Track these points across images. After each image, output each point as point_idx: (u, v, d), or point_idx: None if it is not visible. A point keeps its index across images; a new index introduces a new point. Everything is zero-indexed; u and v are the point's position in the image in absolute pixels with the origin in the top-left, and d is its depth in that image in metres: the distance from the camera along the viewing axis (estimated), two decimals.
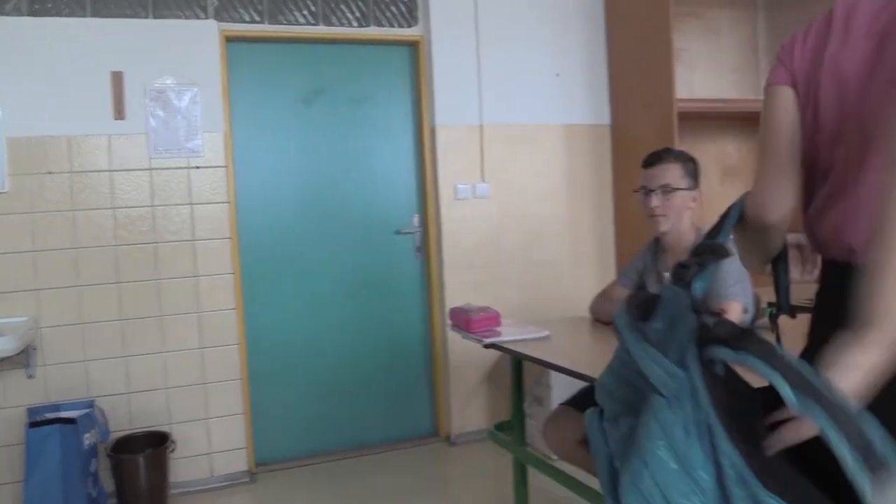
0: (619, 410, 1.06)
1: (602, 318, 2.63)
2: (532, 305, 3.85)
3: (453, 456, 3.72)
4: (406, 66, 3.83)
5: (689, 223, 2.47)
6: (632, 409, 1.02)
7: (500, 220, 3.87)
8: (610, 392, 1.11)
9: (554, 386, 3.43)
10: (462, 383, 3.86)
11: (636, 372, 1.01)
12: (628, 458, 0.95)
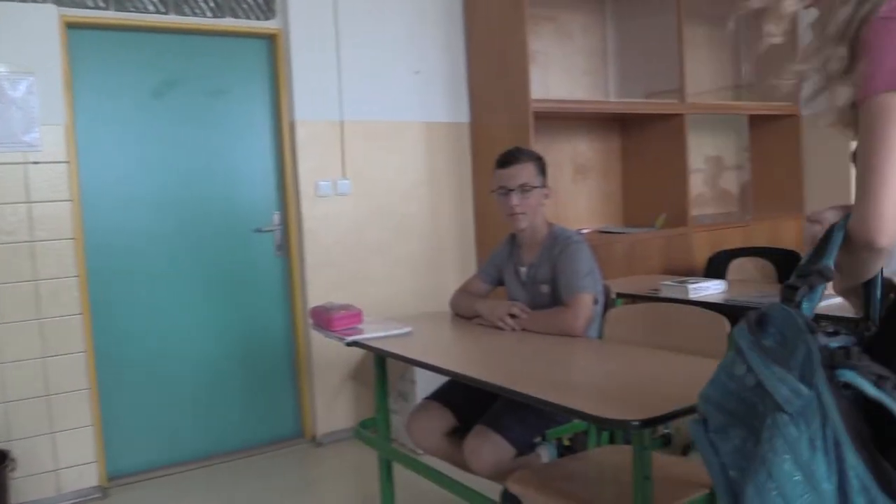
0: (727, 422, 1.11)
1: (463, 312, 2.68)
2: (395, 302, 3.87)
3: (320, 456, 3.68)
4: (264, 59, 3.74)
5: (542, 219, 2.57)
6: (741, 421, 1.09)
7: (361, 217, 3.86)
8: (717, 404, 1.15)
9: (418, 381, 3.47)
10: (327, 383, 3.82)
11: (749, 388, 1.07)
12: (753, 470, 1.00)
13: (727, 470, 1.08)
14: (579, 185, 4.69)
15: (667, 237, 4.37)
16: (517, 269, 2.62)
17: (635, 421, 1.47)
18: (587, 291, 2.36)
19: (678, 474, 1.96)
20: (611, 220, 4.82)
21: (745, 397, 1.09)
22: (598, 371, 2.08)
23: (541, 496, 1.93)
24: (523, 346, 2.24)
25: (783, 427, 0.99)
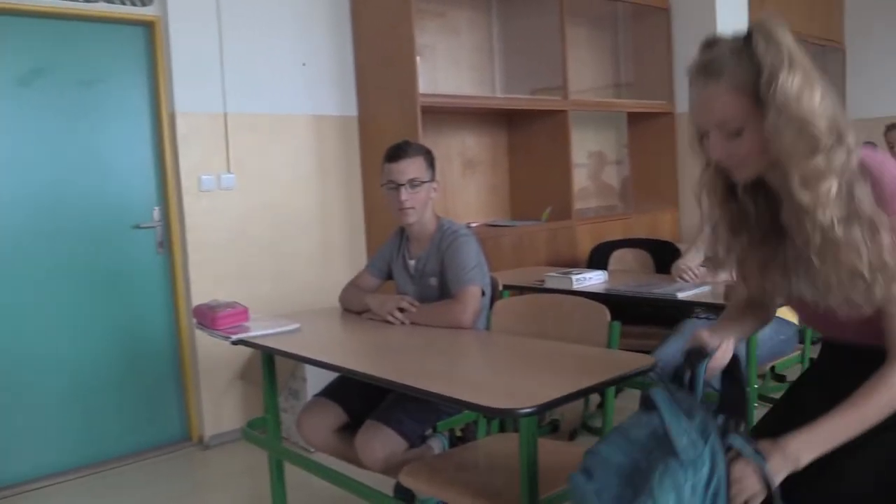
0: (611, 475, 1.31)
1: (352, 307, 2.66)
2: (283, 298, 3.79)
3: (207, 459, 3.57)
4: (141, 48, 3.57)
5: (431, 213, 2.58)
6: (625, 475, 1.29)
7: (247, 212, 3.76)
8: (604, 460, 1.34)
9: (309, 378, 3.42)
10: (214, 383, 3.70)
11: (641, 446, 1.31)
12: (640, 501, 1.21)
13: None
14: (468, 179, 4.75)
15: (552, 230, 4.50)
16: (406, 263, 2.63)
17: (522, 409, 1.50)
18: (475, 284, 2.39)
19: (565, 459, 2.02)
20: (498, 213, 4.92)
21: (634, 456, 1.31)
22: (485, 362, 2.12)
23: (432, 487, 1.95)
24: (412, 340, 2.25)
25: (674, 471, 1.21)
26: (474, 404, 1.59)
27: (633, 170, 5.69)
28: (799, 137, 1.21)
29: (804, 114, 1.21)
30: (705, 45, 1.33)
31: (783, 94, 1.21)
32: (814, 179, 1.22)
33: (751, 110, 1.25)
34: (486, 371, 2.01)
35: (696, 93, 1.31)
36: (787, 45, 1.24)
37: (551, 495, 1.79)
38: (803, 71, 1.23)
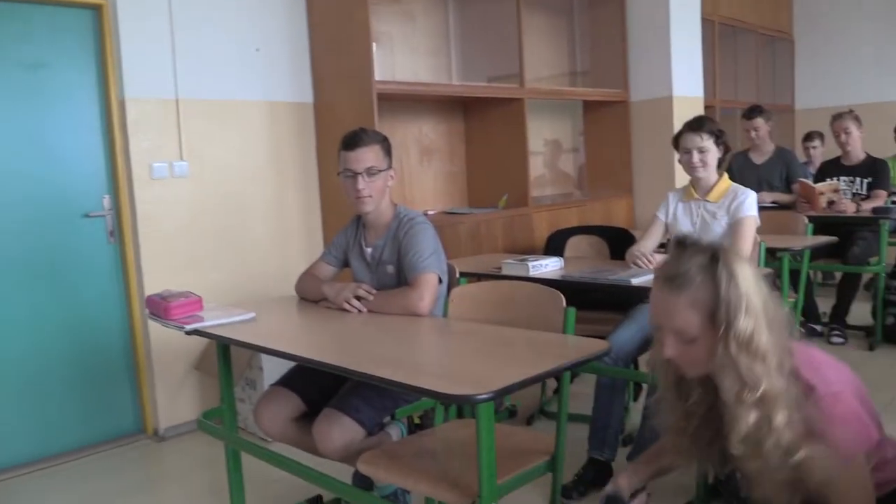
0: None
1: (308, 296, 2.65)
2: (238, 287, 3.75)
3: (163, 451, 3.52)
4: (89, 31, 3.47)
5: (388, 200, 2.57)
6: None
7: (201, 201, 3.70)
8: None
9: (265, 368, 3.39)
10: (168, 374, 3.65)
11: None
12: None
13: None
14: (424, 166, 4.75)
15: (509, 217, 4.52)
16: (363, 251, 2.62)
17: (478, 395, 1.51)
18: (431, 271, 2.40)
19: (522, 443, 2.05)
20: (456, 201, 4.92)
21: None
22: (443, 349, 2.13)
23: (390, 474, 1.96)
24: (369, 328, 2.25)
25: None
26: (431, 391, 1.60)
27: (589, 157, 5.75)
28: (738, 374, 1.36)
29: (748, 356, 1.35)
30: (676, 254, 1.45)
31: (737, 336, 1.36)
32: (748, 408, 1.36)
33: (707, 326, 1.39)
34: (443, 358, 2.02)
35: (661, 297, 1.44)
36: (745, 288, 1.37)
37: (509, 479, 1.81)
38: (755, 315, 1.36)
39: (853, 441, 1.37)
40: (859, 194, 4.88)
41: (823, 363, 1.45)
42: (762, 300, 1.39)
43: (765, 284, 1.42)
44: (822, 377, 1.41)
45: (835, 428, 1.36)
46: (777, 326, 1.40)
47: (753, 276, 1.39)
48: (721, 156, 3.09)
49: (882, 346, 4.51)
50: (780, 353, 1.39)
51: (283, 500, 2.82)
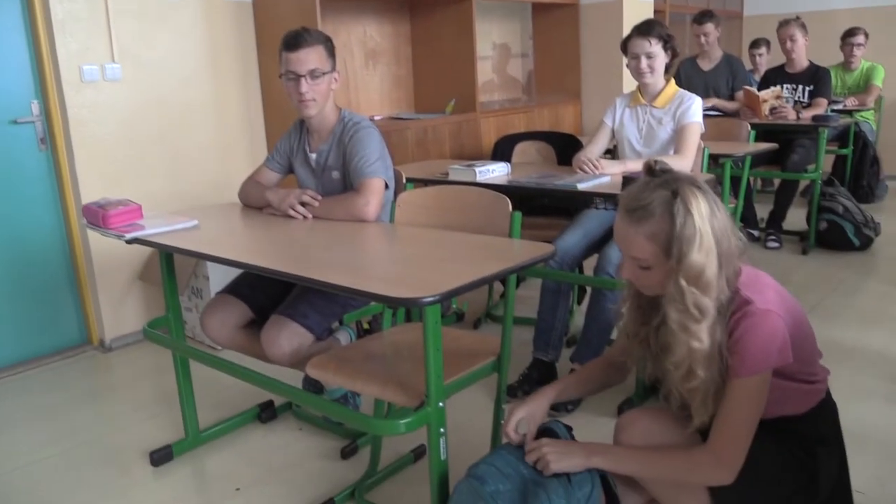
0: (507, 487, 1.55)
1: (252, 203, 2.60)
2: (179, 195, 3.66)
3: (110, 362, 3.50)
4: None
5: (332, 104, 2.51)
6: (520, 487, 1.55)
7: (137, 105, 3.55)
8: (497, 469, 1.59)
9: (211, 276, 3.36)
10: (111, 284, 3.59)
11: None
12: None
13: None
14: (370, 70, 4.62)
15: (456, 123, 4.47)
16: (307, 157, 2.56)
17: (425, 298, 1.53)
18: (378, 176, 2.37)
19: (469, 345, 2.09)
20: (402, 106, 4.84)
21: (522, 471, 1.57)
22: (390, 254, 2.13)
23: (339, 377, 1.98)
24: (315, 234, 2.23)
25: (565, 485, 1.51)
26: (378, 295, 1.60)
27: (538, 63, 5.67)
28: (685, 306, 1.44)
29: (698, 289, 1.43)
30: (643, 184, 1.49)
31: (687, 271, 1.42)
32: (691, 335, 1.45)
33: (661, 257, 1.46)
34: (390, 263, 2.02)
35: (622, 225, 1.51)
36: (700, 225, 1.41)
37: (456, 380, 1.86)
38: (706, 251, 1.42)
39: (763, 358, 1.44)
40: (801, 102, 4.95)
41: (769, 286, 1.52)
42: (717, 235, 1.43)
43: (722, 216, 1.46)
44: (762, 296, 1.47)
45: (755, 340, 1.43)
46: (727, 259, 1.46)
47: (709, 210, 1.43)
48: (669, 61, 3.08)
49: (815, 250, 4.68)
50: (723, 285, 1.45)
51: (234, 406, 2.85)
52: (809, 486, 1.56)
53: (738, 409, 1.47)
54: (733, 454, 1.47)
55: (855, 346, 3.17)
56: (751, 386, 1.46)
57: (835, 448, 1.63)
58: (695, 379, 1.47)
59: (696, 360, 1.46)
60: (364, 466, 2.37)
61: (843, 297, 3.84)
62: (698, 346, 1.44)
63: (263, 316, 2.39)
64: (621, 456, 1.59)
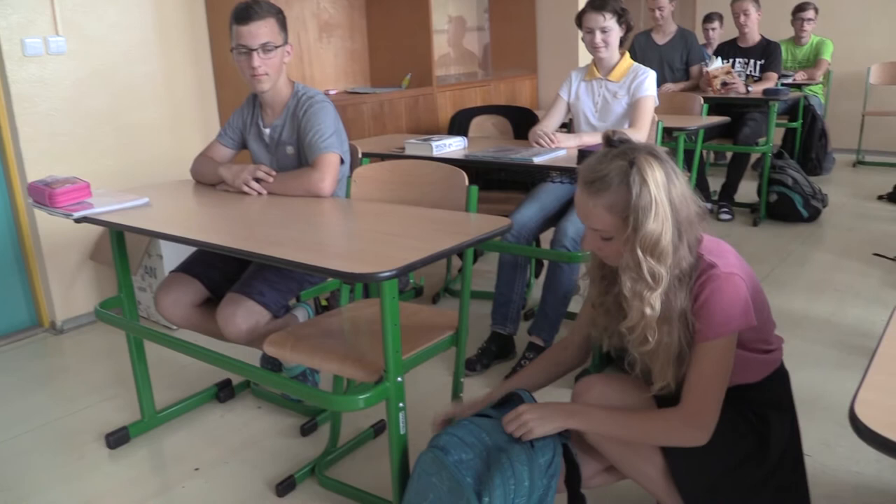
0: (470, 455, 1.57)
1: (205, 179, 2.55)
2: (129, 173, 3.58)
3: (62, 344, 3.42)
4: None
5: (285, 78, 2.47)
6: (474, 448, 1.58)
7: (82, 80, 3.44)
8: (460, 438, 1.60)
9: (165, 255, 3.30)
10: (62, 265, 3.50)
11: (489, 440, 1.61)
12: (498, 469, 1.52)
13: (467, 478, 1.53)
14: (324, 43, 4.55)
15: (413, 97, 4.44)
16: (260, 131, 2.52)
17: (382, 272, 1.52)
18: (333, 151, 2.34)
19: (427, 320, 2.10)
20: (358, 80, 4.78)
21: (484, 438, 1.59)
22: (346, 229, 2.11)
23: (297, 354, 1.97)
24: (270, 210, 2.20)
25: (527, 451, 1.54)
26: (335, 271, 1.59)
27: (494, 36, 5.65)
28: (640, 275, 1.46)
29: (653, 258, 1.44)
30: (601, 156, 1.50)
31: (643, 240, 1.44)
32: (644, 302, 1.47)
33: (621, 227, 1.47)
34: (346, 238, 2.01)
35: (581, 197, 1.51)
36: (655, 194, 1.42)
37: (414, 354, 1.86)
38: (662, 219, 1.43)
39: (729, 320, 1.47)
40: (752, 76, 5.03)
41: (730, 252, 1.55)
42: (675, 203, 1.45)
43: (681, 184, 1.47)
44: (725, 260, 1.50)
45: (719, 303, 1.46)
46: (688, 226, 1.47)
47: (665, 178, 1.44)
48: (623, 35, 3.09)
49: (765, 222, 4.79)
50: (684, 253, 1.47)
51: (191, 386, 2.82)
52: (760, 449, 1.61)
53: (707, 372, 1.50)
54: (706, 415, 1.50)
55: (804, 314, 3.26)
56: (717, 348, 1.48)
57: (786, 414, 1.67)
58: (647, 344, 1.50)
59: (648, 326, 1.49)
60: (324, 443, 2.37)
61: (793, 267, 3.95)
62: (650, 313, 1.47)
63: (219, 294, 2.36)
64: (600, 417, 1.60)
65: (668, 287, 1.47)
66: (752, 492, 1.62)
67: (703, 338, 1.48)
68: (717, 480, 1.59)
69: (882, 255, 4.00)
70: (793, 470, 1.70)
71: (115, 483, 2.29)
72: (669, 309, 1.48)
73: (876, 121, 6.46)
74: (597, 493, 1.91)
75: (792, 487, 1.70)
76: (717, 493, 1.60)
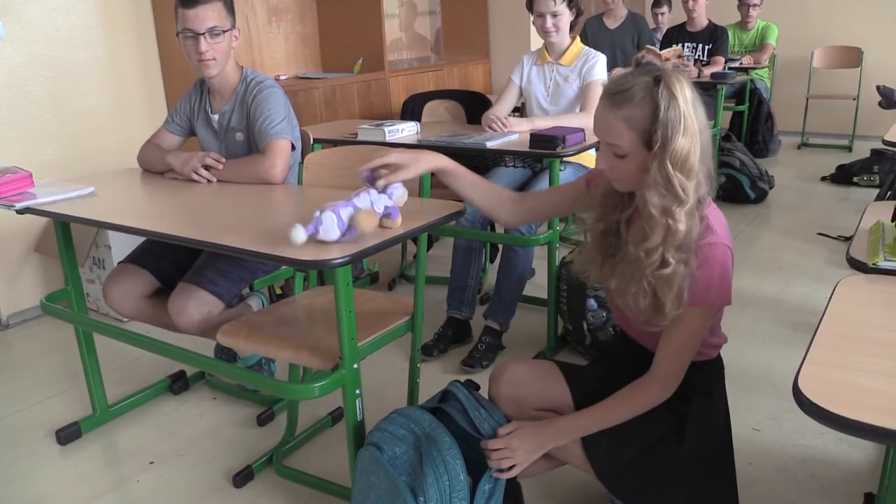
0: (403, 448, 1.59)
1: (153, 167, 2.49)
2: (73, 162, 3.48)
3: (8, 339, 3.33)
4: None
5: (233, 63, 2.42)
6: (407, 443, 1.60)
7: (22, 66, 3.33)
8: (391, 433, 1.63)
9: (113, 245, 3.23)
10: (5, 257, 3.39)
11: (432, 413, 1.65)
12: (430, 463, 1.53)
13: (401, 476, 1.54)
14: (274, 28, 4.48)
15: (365, 82, 4.40)
16: (209, 118, 2.47)
17: (333, 259, 1.51)
18: (283, 137, 2.31)
19: (382, 306, 2.09)
20: (309, 65, 4.72)
21: (415, 430, 1.61)
22: (298, 217, 2.07)
23: (251, 344, 1.95)
24: (220, 198, 2.16)
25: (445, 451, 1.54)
26: (286, 258, 1.57)
27: (445, 20, 5.63)
28: (669, 190, 1.41)
29: (682, 174, 1.41)
30: (628, 73, 1.46)
31: (673, 155, 1.39)
32: (671, 216, 1.42)
33: (639, 145, 1.43)
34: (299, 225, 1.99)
35: (601, 110, 1.47)
36: (684, 109, 1.39)
37: (370, 341, 1.86)
38: (691, 135, 1.40)
39: (714, 292, 1.48)
40: (700, 60, 5.11)
41: (724, 221, 1.55)
42: (699, 125, 1.42)
43: (702, 111, 1.45)
44: (723, 231, 1.50)
45: (713, 271, 1.46)
46: (706, 153, 1.45)
47: (693, 99, 1.42)
48: (573, 19, 3.10)
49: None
50: (703, 178, 1.45)
51: (144, 379, 2.77)
52: (678, 429, 1.63)
53: (687, 336, 1.51)
54: (673, 376, 1.54)
55: (753, 293, 3.35)
56: (699, 315, 1.50)
57: (713, 399, 1.69)
58: (667, 266, 1.44)
59: (671, 244, 1.43)
60: (281, 432, 2.35)
61: (741, 247, 4.04)
62: (678, 228, 1.42)
63: (170, 285, 2.32)
64: (584, 423, 1.61)
65: (691, 210, 1.43)
66: (673, 471, 1.64)
67: (691, 303, 1.47)
68: (634, 460, 1.62)
69: (826, 235, 4.12)
70: (720, 460, 1.71)
71: (67, 480, 2.24)
72: (689, 235, 1.44)
73: (819, 104, 6.62)
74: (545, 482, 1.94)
75: (717, 479, 1.70)
76: (635, 471, 1.63)
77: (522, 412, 1.75)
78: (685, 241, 1.44)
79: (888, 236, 1.59)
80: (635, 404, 1.58)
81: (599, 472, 1.63)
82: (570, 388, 1.74)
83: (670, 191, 1.41)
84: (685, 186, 1.41)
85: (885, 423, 0.92)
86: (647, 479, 1.63)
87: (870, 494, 1.95)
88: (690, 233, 1.44)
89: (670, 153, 1.39)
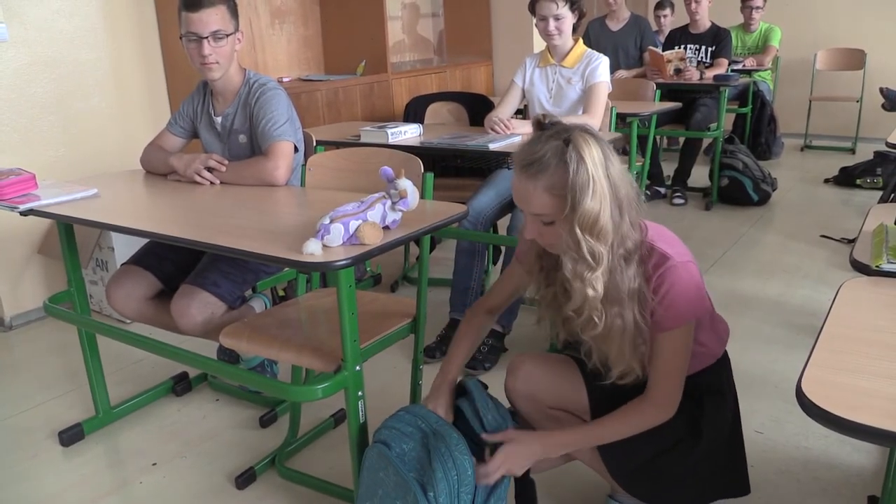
0: (410, 445, 1.59)
1: (156, 169, 2.50)
2: (77, 164, 3.49)
3: (11, 341, 3.33)
4: None
5: (236, 65, 2.42)
6: (414, 439, 1.60)
7: (26, 69, 3.34)
8: (399, 430, 1.63)
9: (116, 247, 3.24)
10: (9, 259, 3.40)
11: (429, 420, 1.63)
12: (438, 458, 1.52)
13: (410, 472, 1.54)
14: (277, 30, 4.49)
15: (368, 84, 4.41)
16: (212, 120, 2.48)
17: (336, 261, 1.51)
18: (286, 139, 2.31)
19: (385, 308, 2.09)
20: (311, 67, 4.73)
21: (421, 426, 1.61)
22: (300, 218, 2.08)
23: (254, 345, 1.95)
24: (223, 200, 2.17)
25: (453, 447, 1.54)
26: (289, 260, 1.58)
27: (448, 23, 5.63)
28: (580, 255, 1.42)
29: (592, 237, 1.41)
30: (534, 138, 1.46)
31: (581, 219, 1.39)
32: (586, 283, 1.44)
33: (562, 208, 1.41)
34: (301, 227, 1.98)
35: (519, 182, 1.46)
36: (592, 172, 1.38)
37: (372, 343, 1.86)
38: (600, 197, 1.39)
39: (690, 308, 1.49)
40: (703, 62, 5.11)
41: (673, 239, 1.55)
42: (614, 181, 1.41)
43: (617, 164, 1.44)
44: (675, 250, 1.50)
45: (680, 293, 1.47)
46: (627, 206, 1.44)
47: (601, 159, 1.40)
48: (576, 21, 3.11)
49: (717, 206, 4.88)
50: (627, 231, 1.45)
51: (146, 381, 2.77)
52: (693, 432, 1.64)
53: (672, 359, 1.52)
54: (674, 397, 1.55)
55: (755, 295, 3.34)
56: (680, 336, 1.51)
57: (724, 398, 1.70)
58: (595, 327, 1.49)
59: (592, 308, 1.47)
60: (284, 434, 2.35)
61: (744, 249, 4.03)
62: (592, 294, 1.44)
63: (172, 286, 2.32)
64: (584, 437, 1.64)
65: (613, 267, 1.44)
66: (687, 472, 1.65)
67: (665, 328, 1.49)
68: (649, 463, 1.63)
69: (829, 237, 4.11)
70: (731, 450, 1.73)
71: (70, 481, 2.24)
72: (617, 290, 1.46)
73: (822, 106, 6.62)
74: (550, 477, 1.94)
75: (730, 467, 1.73)
76: (650, 474, 1.64)
77: (537, 409, 1.76)
78: (616, 295, 1.46)
79: (892, 239, 1.59)
80: (634, 424, 1.58)
81: (614, 472, 1.64)
82: (586, 387, 1.73)
83: (581, 256, 1.42)
84: (595, 251, 1.41)
85: (889, 426, 0.92)
86: (662, 477, 1.65)
87: (873, 497, 1.94)
88: (620, 285, 1.45)
89: (578, 217, 1.39)
